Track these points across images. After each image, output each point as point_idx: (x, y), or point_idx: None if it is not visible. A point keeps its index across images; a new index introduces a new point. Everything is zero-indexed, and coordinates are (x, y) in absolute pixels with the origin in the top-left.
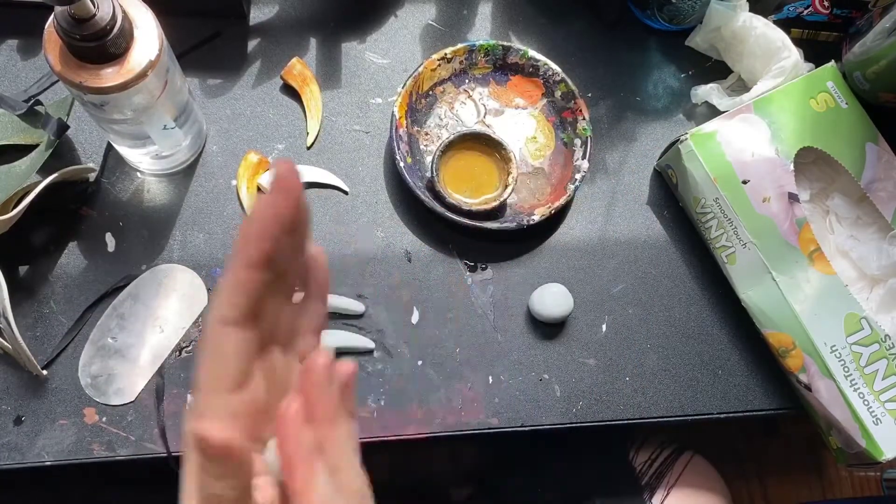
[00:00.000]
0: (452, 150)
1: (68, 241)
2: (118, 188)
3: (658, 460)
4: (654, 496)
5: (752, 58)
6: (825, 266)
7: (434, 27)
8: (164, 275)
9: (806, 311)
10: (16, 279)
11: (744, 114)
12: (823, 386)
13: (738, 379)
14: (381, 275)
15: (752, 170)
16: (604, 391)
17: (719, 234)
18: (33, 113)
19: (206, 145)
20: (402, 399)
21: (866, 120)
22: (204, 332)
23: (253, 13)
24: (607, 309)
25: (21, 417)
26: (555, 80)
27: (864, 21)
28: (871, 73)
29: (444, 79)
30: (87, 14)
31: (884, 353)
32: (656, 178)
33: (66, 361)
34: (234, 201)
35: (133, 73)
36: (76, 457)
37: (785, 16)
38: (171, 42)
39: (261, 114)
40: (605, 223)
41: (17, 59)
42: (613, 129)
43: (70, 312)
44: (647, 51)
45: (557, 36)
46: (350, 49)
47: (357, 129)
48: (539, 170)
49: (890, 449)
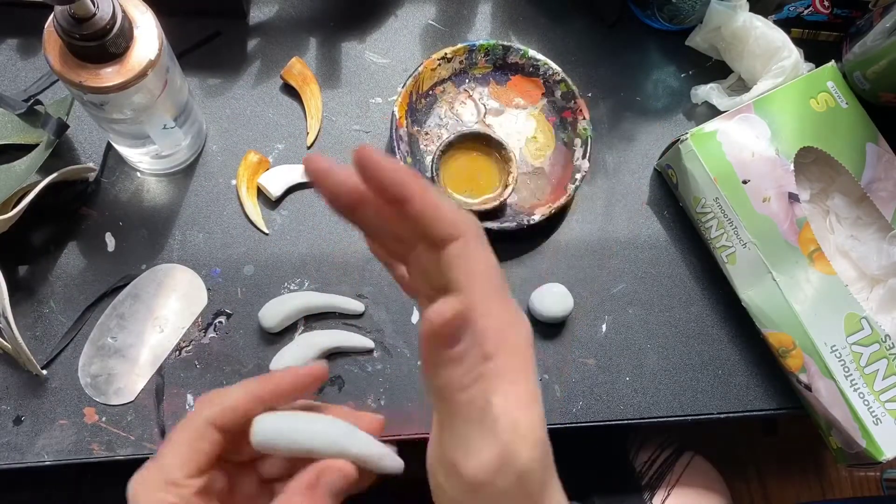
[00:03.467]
0: (452, 150)
1: (68, 240)
2: (118, 188)
3: (658, 460)
4: (654, 496)
5: (752, 58)
6: (825, 266)
7: (434, 27)
8: (163, 274)
9: (806, 311)
10: (16, 279)
11: (744, 114)
12: (823, 386)
13: (738, 379)
14: (381, 275)
15: (752, 169)
16: (604, 391)
17: (719, 233)
18: (33, 112)
19: (205, 145)
20: (402, 399)
21: (866, 120)
22: None
23: (253, 13)
24: (607, 309)
25: (21, 417)
26: (555, 80)
27: (865, 21)
28: (871, 73)
29: (444, 79)
30: (87, 13)
31: (884, 353)
32: (656, 178)
33: (66, 361)
34: (234, 201)
35: (133, 72)
36: (76, 457)
37: (785, 16)
38: (171, 42)
39: (261, 113)
40: (605, 223)
41: (16, 58)
42: (613, 129)
43: (70, 312)
44: (647, 51)
45: (557, 36)
46: (350, 49)
47: (357, 128)
48: (539, 170)
49: (890, 449)
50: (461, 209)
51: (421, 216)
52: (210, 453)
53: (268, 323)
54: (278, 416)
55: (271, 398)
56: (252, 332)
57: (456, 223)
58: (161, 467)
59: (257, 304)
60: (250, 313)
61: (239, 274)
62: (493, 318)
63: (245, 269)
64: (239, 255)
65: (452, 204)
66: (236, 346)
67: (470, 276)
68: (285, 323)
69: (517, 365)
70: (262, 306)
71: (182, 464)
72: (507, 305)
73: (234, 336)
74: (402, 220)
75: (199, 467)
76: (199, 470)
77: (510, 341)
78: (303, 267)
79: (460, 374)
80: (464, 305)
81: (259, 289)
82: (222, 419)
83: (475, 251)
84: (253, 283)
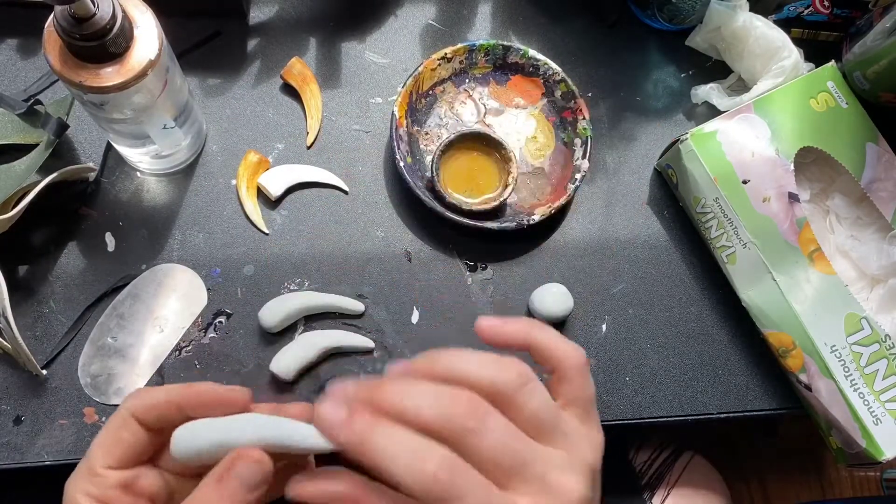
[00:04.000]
0: (452, 150)
1: (68, 240)
2: (118, 188)
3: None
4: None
5: (752, 58)
6: (825, 266)
7: (434, 27)
8: (163, 274)
9: (806, 311)
10: (16, 279)
11: (744, 114)
12: (823, 386)
13: (738, 379)
14: (381, 275)
15: (752, 169)
16: (604, 391)
17: (719, 233)
18: (33, 112)
19: (205, 145)
20: None
21: (866, 120)
22: None
23: (253, 13)
24: (607, 309)
25: (21, 417)
26: (555, 80)
27: (865, 21)
28: (871, 73)
29: (444, 78)
30: (87, 13)
31: (884, 353)
32: (656, 178)
33: (66, 361)
34: (234, 201)
35: (133, 72)
36: (76, 457)
37: (785, 16)
38: (171, 42)
39: (261, 113)
40: (605, 223)
41: (16, 58)
42: (613, 129)
43: (70, 312)
44: (647, 51)
45: (557, 35)
46: (350, 49)
47: (357, 128)
48: (539, 170)
49: (890, 449)
50: (569, 342)
51: (542, 357)
52: (132, 446)
53: (268, 323)
54: (195, 422)
55: (190, 406)
56: (252, 332)
57: (567, 356)
58: (87, 459)
59: (257, 304)
60: (250, 313)
61: (239, 274)
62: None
63: (245, 269)
64: (239, 255)
65: (562, 339)
66: (236, 346)
67: (568, 400)
68: (285, 323)
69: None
70: (262, 306)
71: (103, 454)
72: (586, 423)
73: (234, 336)
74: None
75: (119, 459)
76: (120, 462)
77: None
78: (303, 267)
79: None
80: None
81: (259, 289)
82: (143, 412)
83: (575, 380)
84: (253, 282)
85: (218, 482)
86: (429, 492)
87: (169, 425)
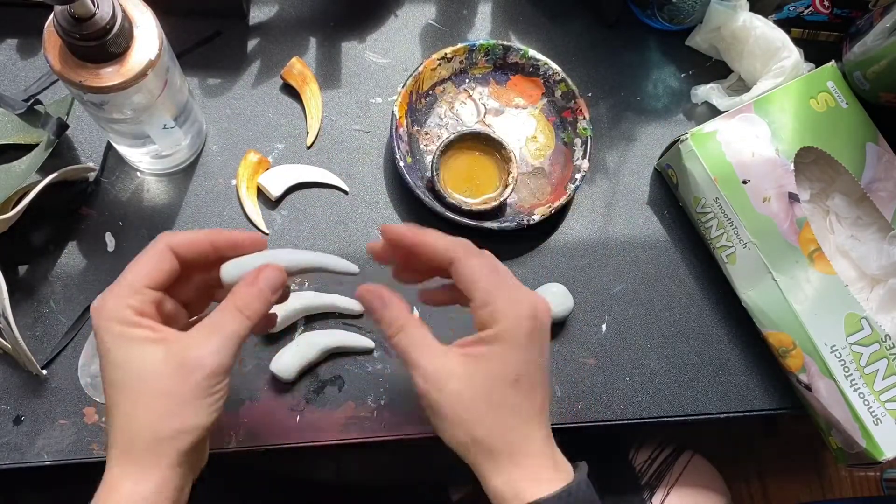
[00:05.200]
0: (452, 150)
1: (68, 240)
2: (118, 188)
3: (658, 460)
4: (654, 496)
5: (752, 58)
6: (825, 266)
7: (434, 27)
8: None
9: (806, 311)
10: (15, 279)
11: (744, 114)
12: (823, 386)
13: (738, 379)
14: (381, 275)
15: (752, 169)
16: (604, 391)
17: (719, 233)
18: (33, 112)
19: (205, 145)
20: (402, 399)
21: (866, 120)
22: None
23: (253, 13)
24: (607, 309)
25: (20, 417)
26: (555, 80)
27: (865, 21)
28: (871, 73)
29: (444, 78)
30: (87, 13)
31: (884, 353)
32: (656, 178)
33: (66, 361)
34: (234, 201)
35: (133, 72)
36: (76, 457)
37: (785, 16)
38: (171, 42)
39: (261, 113)
40: (605, 223)
41: (16, 58)
42: (613, 129)
43: (70, 312)
44: (647, 51)
45: (557, 35)
46: (350, 49)
47: (357, 128)
48: (539, 169)
49: (890, 449)
50: (447, 237)
51: (423, 255)
52: (168, 272)
53: None
54: (239, 258)
55: (224, 245)
56: None
57: (447, 249)
58: (124, 281)
59: None
60: None
61: None
62: (502, 301)
63: None
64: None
65: (440, 235)
66: None
67: (471, 283)
68: (285, 323)
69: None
70: None
71: (144, 276)
72: (513, 291)
73: None
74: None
75: (157, 282)
76: (158, 285)
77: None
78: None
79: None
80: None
81: None
82: (180, 246)
83: (469, 264)
84: None
85: (250, 285)
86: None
87: (201, 260)
